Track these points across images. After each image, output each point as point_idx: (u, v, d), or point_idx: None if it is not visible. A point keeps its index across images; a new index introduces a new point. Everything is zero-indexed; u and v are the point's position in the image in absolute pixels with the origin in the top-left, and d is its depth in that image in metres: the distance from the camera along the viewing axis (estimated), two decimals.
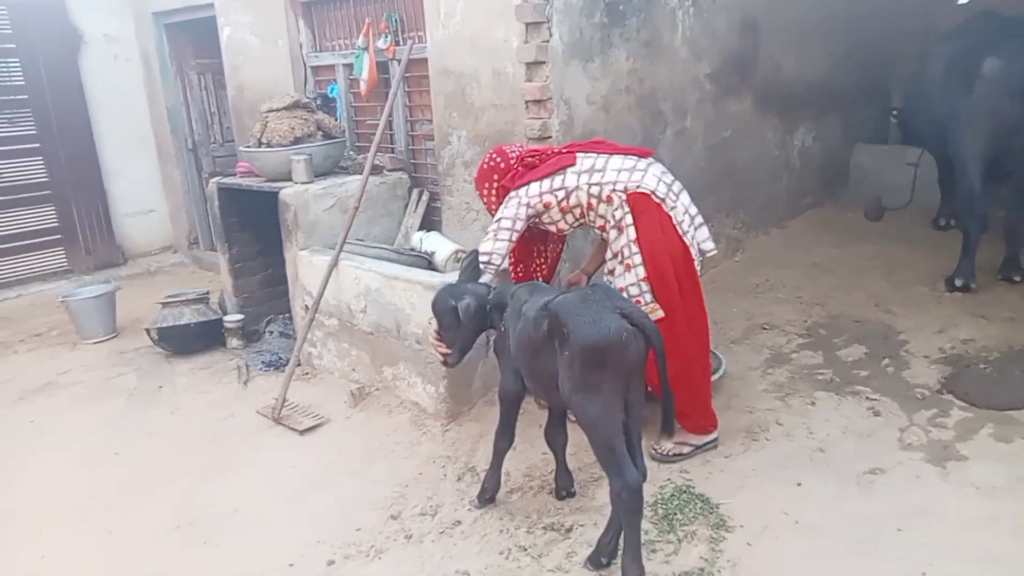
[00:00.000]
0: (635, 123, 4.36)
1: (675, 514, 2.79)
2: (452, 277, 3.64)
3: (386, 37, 4.63)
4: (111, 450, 3.65)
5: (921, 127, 5.48)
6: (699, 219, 3.15)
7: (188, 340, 4.73)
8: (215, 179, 4.96)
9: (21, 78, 6.31)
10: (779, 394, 3.66)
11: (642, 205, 3.01)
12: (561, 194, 3.10)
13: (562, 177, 3.10)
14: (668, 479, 3.04)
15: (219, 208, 4.83)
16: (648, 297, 3.04)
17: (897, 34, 6.93)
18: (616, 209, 3.05)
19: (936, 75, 4.77)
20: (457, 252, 4.28)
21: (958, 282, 4.67)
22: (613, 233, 3.10)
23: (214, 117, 6.90)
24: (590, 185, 3.07)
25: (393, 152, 4.90)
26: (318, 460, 3.42)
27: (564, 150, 3.23)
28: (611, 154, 3.14)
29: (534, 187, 3.12)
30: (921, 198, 6.01)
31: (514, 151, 3.28)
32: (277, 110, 4.55)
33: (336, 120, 4.92)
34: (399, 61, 4.47)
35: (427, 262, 4.25)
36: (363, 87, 4.77)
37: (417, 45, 4.44)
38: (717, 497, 2.89)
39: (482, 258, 3.09)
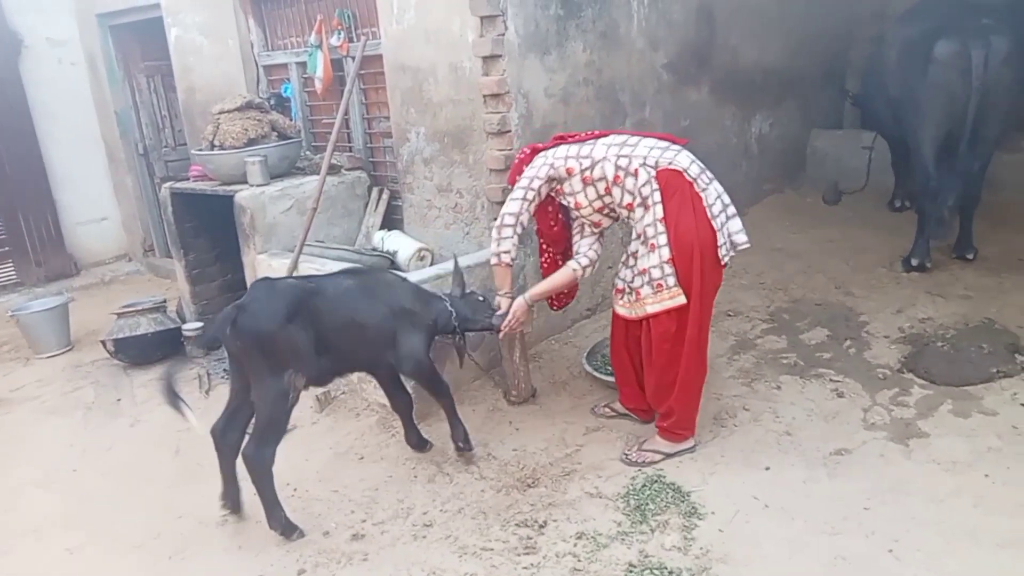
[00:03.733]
0: (594, 114, 4.35)
1: (647, 504, 2.80)
2: (415, 276, 3.60)
3: (339, 34, 4.57)
4: (70, 467, 3.55)
5: (875, 110, 5.56)
6: (732, 209, 2.98)
7: (146, 350, 4.61)
8: (168, 184, 4.85)
9: None
10: (745, 380, 3.69)
11: (673, 184, 2.89)
12: (586, 162, 3.00)
13: (591, 147, 3.04)
14: (639, 469, 3.05)
15: (173, 214, 4.72)
16: (671, 280, 2.91)
17: (852, 19, 7.03)
18: (644, 184, 2.91)
19: (889, 58, 4.85)
20: (420, 250, 4.24)
21: (914, 262, 4.76)
22: (639, 212, 2.95)
23: (165, 120, 6.74)
24: (618, 157, 2.96)
25: (351, 151, 4.84)
26: (285, 467, 3.33)
27: (599, 133, 3.17)
28: (644, 136, 3.07)
29: (561, 149, 3.09)
30: (876, 181, 6.11)
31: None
32: (229, 111, 4.45)
33: (291, 120, 4.84)
34: (353, 58, 4.41)
35: (390, 262, 4.21)
36: (318, 85, 4.70)
37: (371, 41, 4.39)
38: (688, 485, 2.91)
39: (496, 221, 3.09)
